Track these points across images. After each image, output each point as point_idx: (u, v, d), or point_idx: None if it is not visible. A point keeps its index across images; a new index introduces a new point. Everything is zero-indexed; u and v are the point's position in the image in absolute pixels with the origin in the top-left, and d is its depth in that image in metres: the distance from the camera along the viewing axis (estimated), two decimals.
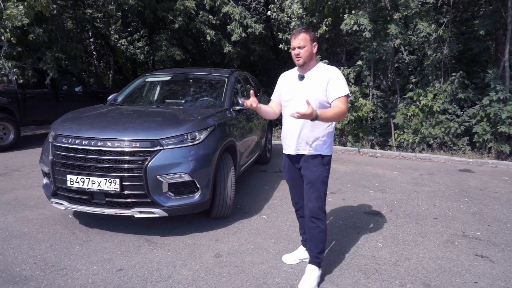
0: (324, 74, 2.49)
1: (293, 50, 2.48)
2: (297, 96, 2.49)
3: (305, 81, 2.52)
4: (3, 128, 6.80)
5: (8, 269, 2.69)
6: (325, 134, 2.53)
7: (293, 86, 2.55)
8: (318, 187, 2.52)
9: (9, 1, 6.12)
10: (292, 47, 2.49)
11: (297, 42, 2.45)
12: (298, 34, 2.47)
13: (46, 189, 3.43)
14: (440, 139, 7.45)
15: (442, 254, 3.07)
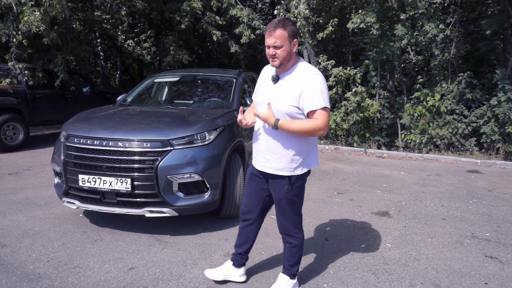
0: (299, 80, 2.10)
1: (268, 49, 2.09)
2: (268, 101, 2.15)
3: (278, 85, 2.16)
4: (12, 128, 6.89)
5: (22, 267, 2.73)
6: (297, 152, 2.17)
7: (267, 87, 2.22)
8: (284, 207, 2.27)
9: (24, 6, 6.21)
10: (266, 45, 2.09)
11: (272, 41, 2.05)
12: (274, 30, 2.04)
13: (57, 188, 3.48)
14: (447, 140, 7.42)
15: (452, 255, 3.07)
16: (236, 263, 2.53)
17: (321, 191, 4.78)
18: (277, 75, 2.18)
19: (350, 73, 7.99)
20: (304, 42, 8.64)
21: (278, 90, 2.15)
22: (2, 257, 2.86)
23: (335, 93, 8.15)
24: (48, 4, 6.21)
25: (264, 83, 2.27)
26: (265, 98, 2.18)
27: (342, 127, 7.99)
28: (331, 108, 8.45)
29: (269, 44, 2.07)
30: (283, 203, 2.27)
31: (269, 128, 2.16)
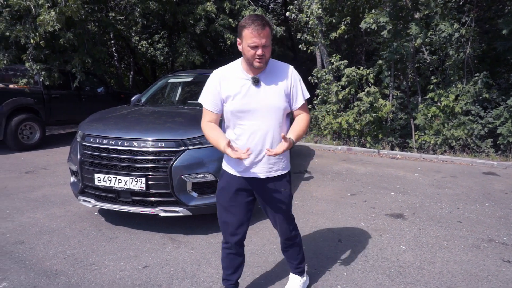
0: (282, 75, 2.04)
1: (254, 49, 1.88)
2: (258, 107, 1.98)
3: (263, 86, 2.00)
4: (29, 127, 7.04)
5: (40, 263, 2.79)
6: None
7: (248, 92, 1.98)
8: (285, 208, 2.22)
9: (42, 8, 6.36)
10: (253, 44, 1.86)
11: (263, 41, 1.86)
12: (263, 29, 1.85)
13: (74, 187, 3.54)
14: (462, 141, 7.29)
15: (468, 258, 3.01)
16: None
17: (334, 192, 4.75)
18: (256, 78, 1.99)
19: (363, 73, 7.93)
20: (317, 42, 8.61)
21: (266, 91, 2.00)
22: (20, 254, 2.93)
23: (348, 93, 8.09)
24: (64, 4, 6.33)
25: (236, 88, 1.99)
26: (252, 103, 1.98)
27: (355, 128, 7.93)
28: (343, 108, 8.40)
29: (259, 44, 1.86)
30: (286, 202, 2.19)
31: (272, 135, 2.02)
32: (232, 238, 2.22)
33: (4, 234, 3.27)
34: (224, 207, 2.18)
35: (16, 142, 6.76)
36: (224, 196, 2.16)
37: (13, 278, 2.58)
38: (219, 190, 2.19)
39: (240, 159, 1.80)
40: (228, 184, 2.14)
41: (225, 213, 2.19)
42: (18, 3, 6.44)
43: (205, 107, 2.07)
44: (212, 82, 2.04)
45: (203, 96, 2.08)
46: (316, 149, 7.92)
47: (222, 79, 2.03)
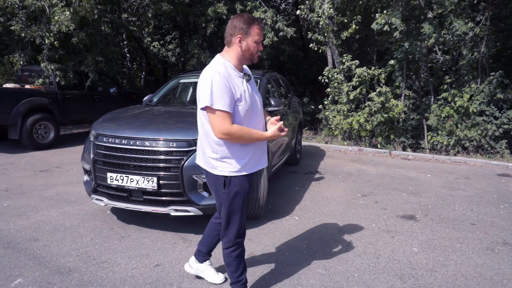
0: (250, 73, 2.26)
1: (257, 44, 2.06)
2: (253, 101, 2.12)
3: (251, 82, 2.20)
4: (44, 127, 7.17)
5: (54, 260, 2.84)
6: None
7: (247, 88, 2.10)
8: None
9: (56, 7, 6.47)
10: (259, 40, 2.06)
11: (262, 38, 2.09)
12: (263, 26, 2.07)
13: (87, 185, 3.59)
14: (476, 142, 7.17)
15: (482, 261, 2.96)
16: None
17: (345, 193, 4.72)
18: (248, 74, 2.16)
19: (374, 73, 7.86)
20: (328, 42, 8.56)
21: (253, 86, 2.19)
22: (35, 251, 2.98)
23: (359, 93, 8.03)
24: (78, 4, 6.44)
25: (239, 85, 2.04)
26: (253, 98, 2.12)
27: (366, 128, 7.86)
28: (355, 109, 8.34)
29: (261, 40, 2.09)
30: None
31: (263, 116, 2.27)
32: (242, 237, 2.27)
33: (20, 231, 3.34)
34: (242, 211, 2.19)
35: (31, 141, 6.89)
36: (238, 201, 2.16)
37: (28, 274, 2.63)
38: (233, 197, 2.13)
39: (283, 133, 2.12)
40: (241, 186, 2.14)
41: (242, 217, 2.20)
42: (33, 3, 6.57)
43: (228, 110, 1.95)
44: (225, 83, 1.96)
45: (221, 99, 1.94)
46: (326, 150, 7.88)
47: (230, 78, 2.01)
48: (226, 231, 2.23)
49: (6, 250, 2.98)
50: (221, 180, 2.12)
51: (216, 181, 2.15)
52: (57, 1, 6.62)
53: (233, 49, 2.07)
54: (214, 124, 1.99)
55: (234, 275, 2.29)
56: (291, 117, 5.41)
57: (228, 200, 2.15)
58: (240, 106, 2.02)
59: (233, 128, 1.99)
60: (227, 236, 2.23)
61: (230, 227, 2.21)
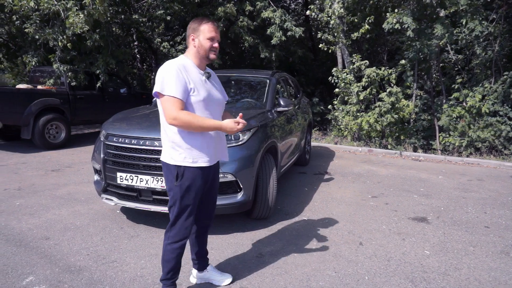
0: (215, 75, 2.36)
1: (211, 41, 2.12)
2: (216, 99, 2.22)
3: (212, 80, 2.26)
4: (55, 127, 7.26)
5: (64, 259, 2.86)
6: None
7: (207, 85, 2.18)
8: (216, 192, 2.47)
9: (70, 11, 6.58)
10: (211, 37, 2.12)
11: (218, 35, 2.16)
12: (217, 26, 2.18)
13: (97, 185, 3.62)
14: (489, 143, 7.04)
15: (496, 265, 2.90)
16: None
17: (355, 194, 4.67)
18: (208, 72, 2.25)
19: (384, 73, 7.77)
20: (338, 42, 8.50)
21: (215, 87, 2.26)
22: (46, 249, 3.01)
23: (369, 93, 7.95)
24: (91, 7, 6.52)
25: (198, 79, 2.12)
26: (213, 95, 2.19)
27: (376, 129, 7.78)
28: (364, 109, 8.27)
29: (216, 37, 2.14)
30: (217, 189, 2.44)
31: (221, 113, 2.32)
32: (189, 232, 2.25)
33: (31, 230, 3.38)
34: (191, 206, 2.17)
35: (43, 141, 6.98)
36: (191, 196, 2.14)
37: (39, 272, 2.66)
38: (185, 191, 2.12)
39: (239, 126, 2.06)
40: (194, 180, 2.13)
41: (191, 211, 2.18)
42: (48, 7, 6.67)
43: (177, 97, 2.00)
44: (177, 72, 2.03)
45: (172, 86, 2.00)
46: (336, 150, 7.82)
47: (184, 70, 2.08)
48: (173, 227, 2.20)
49: (18, 248, 3.02)
50: (173, 171, 2.12)
51: (169, 172, 2.14)
52: (72, 5, 6.72)
53: (190, 48, 2.18)
54: (164, 109, 2.03)
55: (170, 273, 2.27)
56: (300, 118, 5.38)
57: (179, 194, 2.13)
58: (193, 97, 2.07)
59: (180, 114, 1.99)
60: (172, 231, 2.20)
61: (178, 222, 2.19)
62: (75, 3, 6.79)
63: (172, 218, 2.20)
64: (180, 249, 2.24)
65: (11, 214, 3.77)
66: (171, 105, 2.00)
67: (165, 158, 2.16)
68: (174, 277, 2.30)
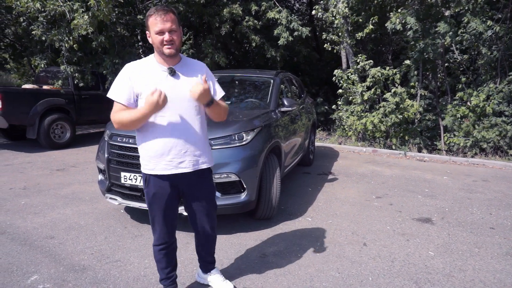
0: (197, 68, 2.10)
1: (160, 34, 1.90)
2: (178, 98, 1.98)
3: (181, 78, 2.02)
4: (60, 127, 7.31)
5: (69, 258, 2.88)
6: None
7: (163, 83, 1.97)
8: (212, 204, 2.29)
9: (76, 12, 6.62)
10: (159, 31, 1.89)
11: (168, 25, 1.89)
12: (166, 14, 1.89)
13: (101, 185, 3.64)
14: (494, 143, 6.98)
15: (501, 267, 2.87)
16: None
17: (359, 194, 4.66)
18: (172, 68, 2.00)
19: (389, 73, 7.74)
20: (342, 41, 8.48)
21: (185, 82, 2.01)
22: (51, 248, 3.03)
23: (374, 93, 7.92)
24: (96, 8, 6.56)
25: (149, 80, 1.96)
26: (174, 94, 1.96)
27: (380, 129, 7.75)
28: (369, 109, 8.24)
29: (165, 29, 1.89)
30: (211, 198, 2.26)
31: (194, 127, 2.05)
32: (171, 237, 2.24)
33: (36, 229, 3.40)
34: (162, 212, 2.12)
35: (48, 140, 7.03)
36: (160, 202, 2.10)
37: (43, 271, 2.68)
38: (151, 198, 2.09)
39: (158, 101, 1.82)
40: (160, 188, 2.07)
41: (164, 219, 2.15)
42: (54, 8, 6.72)
43: (118, 101, 1.94)
44: (123, 76, 1.97)
45: (114, 90, 1.96)
46: (340, 151, 7.80)
47: (133, 73, 1.97)
48: (153, 230, 2.20)
49: (23, 247, 3.04)
50: (143, 177, 2.12)
51: (143, 177, 2.14)
52: (78, 7, 6.76)
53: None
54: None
55: (164, 271, 2.28)
56: (304, 118, 5.37)
57: (147, 200, 2.12)
58: (141, 100, 1.95)
59: (112, 116, 1.97)
60: (155, 234, 2.21)
61: (155, 227, 2.19)
62: (81, 5, 6.84)
63: (151, 222, 2.20)
64: (166, 250, 2.24)
65: (16, 213, 3.80)
66: (114, 109, 1.99)
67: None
68: (170, 275, 2.30)
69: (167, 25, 1.89)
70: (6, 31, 11.63)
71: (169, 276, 2.31)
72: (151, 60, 2.04)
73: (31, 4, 6.73)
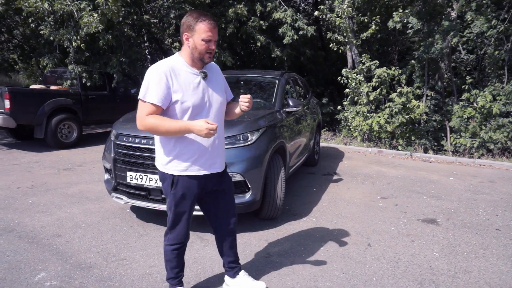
0: (216, 72, 2.17)
1: (207, 42, 1.93)
2: (211, 101, 2.05)
3: (210, 80, 2.07)
4: (68, 127, 7.38)
5: (75, 256, 2.92)
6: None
7: (199, 86, 2.00)
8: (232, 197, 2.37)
9: (84, 11, 6.71)
10: (208, 39, 1.92)
11: (216, 36, 1.95)
12: (215, 24, 1.95)
13: (107, 184, 3.68)
14: (502, 144, 6.92)
15: (507, 269, 2.85)
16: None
17: (364, 195, 4.65)
18: (205, 71, 2.04)
19: (394, 73, 7.71)
20: (347, 42, 8.46)
21: (214, 86, 2.08)
22: (57, 246, 3.07)
23: (379, 94, 7.90)
24: (105, 6, 6.64)
25: (185, 83, 1.97)
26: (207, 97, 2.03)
27: (386, 130, 7.72)
28: (375, 110, 8.21)
29: (213, 39, 1.94)
30: (233, 193, 2.37)
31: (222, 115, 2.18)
32: (187, 237, 2.27)
33: (44, 227, 3.45)
34: (188, 212, 2.14)
35: (55, 140, 7.10)
36: (187, 203, 2.11)
37: (50, 269, 2.71)
38: (179, 199, 2.08)
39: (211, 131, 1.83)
40: (189, 189, 2.08)
41: (188, 219, 2.17)
42: (61, 8, 6.80)
43: (153, 102, 1.89)
44: (158, 78, 1.90)
45: (150, 92, 1.90)
46: (345, 151, 7.78)
47: (169, 75, 1.93)
48: (172, 230, 2.20)
49: (31, 245, 3.08)
50: (169, 179, 2.08)
51: (164, 180, 2.12)
52: (85, 6, 6.83)
53: (184, 48, 2.01)
54: (137, 115, 1.95)
55: (174, 271, 2.30)
56: (309, 118, 5.37)
57: (173, 201, 2.10)
58: (178, 103, 1.95)
59: (147, 118, 1.90)
60: (172, 234, 2.21)
61: (176, 227, 2.19)
62: (88, 4, 6.91)
63: (169, 223, 2.20)
64: (179, 250, 2.26)
65: (24, 211, 3.85)
66: (141, 110, 1.92)
67: (159, 166, 2.13)
68: (178, 275, 2.32)
69: (215, 35, 1.95)
70: (14, 32, 11.77)
71: (177, 276, 2.33)
72: (180, 61, 2.01)
73: (40, 4, 6.82)
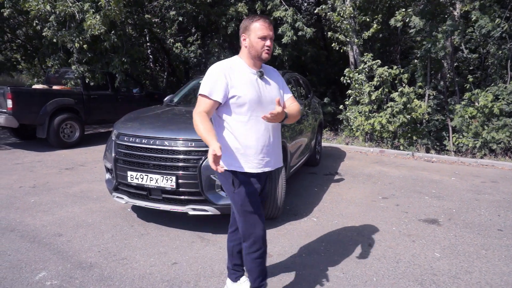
0: (272, 72, 2.22)
1: (263, 40, 2.01)
2: (267, 99, 2.07)
3: (266, 79, 2.13)
4: (70, 126, 7.40)
5: (76, 255, 2.93)
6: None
7: (257, 85, 2.06)
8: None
9: (87, 13, 6.74)
10: (262, 35, 2.00)
11: (271, 33, 2.02)
12: (270, 22, 2.04)
13: (108, 183, 3.68)
14: (504, 144, 6.89)
15: (509, 269, 2.84)
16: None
17: (365, 194, 4.64)
18: (261, 70, 2.12)
19: (396, 72, 7.69)
20: (349, 41, 8.44)
21: (270, 85, 2.13)
22: (59, 245, 3.08)
23: (381, 93, 7.87)
24: (107, 8, 6.66)
25: (244, 80, 2.03)
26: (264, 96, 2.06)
27: (388, 129, 7.70)
28: (376, 109, 8.19)
29: (268, 36, 2.01)
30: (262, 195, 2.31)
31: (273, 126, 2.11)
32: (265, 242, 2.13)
33: (45, 227, 3.46)
34: (259, 209, 2.07)
35: (57, 140, 7.13)
36: (256, 198, 2.06)
37: (51, 268, 2.72)
38: (245, 197, 2.02)
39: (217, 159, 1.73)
40: (251, 185, 2.05)
41: (261, 216, 2.08)
42: (63, 9, 6.82)
43: (212, 98, 1.96)
44: (220, 73, 2.00)
45: (210, 86, 1.97)
46: (347, 151, 7.77)
47: (229, 71, 2.02)
48: (249, 233, 2.07)
49: (32, 244, 3.10)
50: (229, 177, 2.06)
51: (225, 179, 2.08)
52: (88, 7, 6.86)
53: (242, 49, 2.11)
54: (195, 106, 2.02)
55: (257, 281, 2.16)
56: (310, 118, 5.37)
57: (239, 201, 2.04)
58: (234, 99, 1.99)
59: (197, 113, 1.95)
60: (250, 238, 2.07)
61: (255, 228, 2.06)
62: (90, 5, 6.93)
63: (241, 229, 2.10)
64: (260, 257, 2.12)
65: (25, 211, 3.87)
66: (198, 103, 2.00)
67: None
68: (262, 284, 2.18)
69: (270, 32, 2.02)
70: (17, 32, 11.83)
71: (259, 284, 2.17)
72: (239, 61, 2.10)
73: (42, 6, 6.85)
